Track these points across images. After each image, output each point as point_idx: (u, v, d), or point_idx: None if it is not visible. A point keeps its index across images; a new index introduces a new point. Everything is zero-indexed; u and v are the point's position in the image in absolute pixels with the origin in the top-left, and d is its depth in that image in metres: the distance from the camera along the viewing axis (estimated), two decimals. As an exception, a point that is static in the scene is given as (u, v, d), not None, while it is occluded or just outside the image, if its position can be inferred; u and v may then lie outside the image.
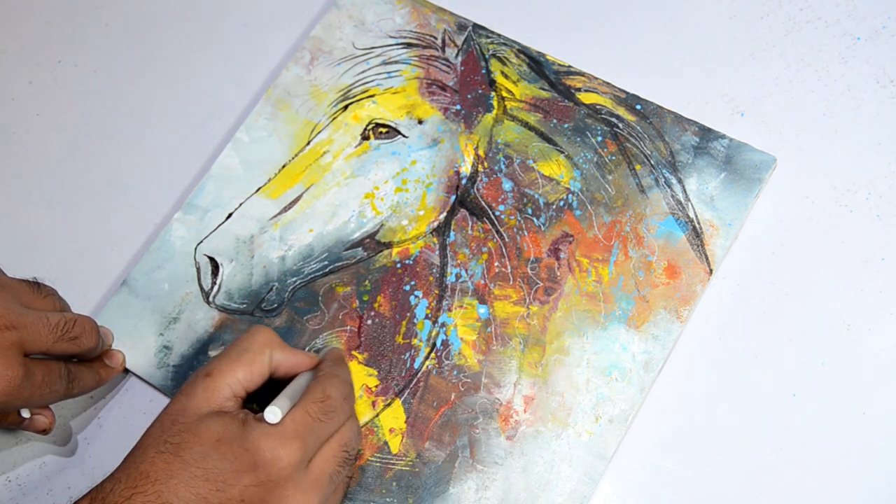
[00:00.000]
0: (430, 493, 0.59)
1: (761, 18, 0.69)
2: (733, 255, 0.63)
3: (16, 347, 0.56)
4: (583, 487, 0.58)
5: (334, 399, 0.54)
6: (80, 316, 0.61)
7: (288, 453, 0.51)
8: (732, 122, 0.66)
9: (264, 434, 0.51)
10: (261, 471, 0.51)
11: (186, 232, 0.69)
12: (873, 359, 0.59)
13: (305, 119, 0.71)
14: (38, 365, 0.58)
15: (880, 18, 0.67)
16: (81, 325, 0.60)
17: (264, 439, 0.51)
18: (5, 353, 0.55)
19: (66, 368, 0.60)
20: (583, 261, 0.63)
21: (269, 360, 0.56)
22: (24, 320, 0.57)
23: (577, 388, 0.60)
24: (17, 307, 0.57)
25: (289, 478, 0.51)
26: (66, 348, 0.59)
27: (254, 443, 0.51)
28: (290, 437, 0.51)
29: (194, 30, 0.77)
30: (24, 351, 0.57)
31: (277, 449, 0.51)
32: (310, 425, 0.52)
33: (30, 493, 0.64)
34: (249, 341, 0.56)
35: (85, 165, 0.74)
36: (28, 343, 0.57)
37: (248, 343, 0.55)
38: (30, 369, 0.57)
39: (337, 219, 0.67)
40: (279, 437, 0.51)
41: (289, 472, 0.51)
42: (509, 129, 0.68)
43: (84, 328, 0.60)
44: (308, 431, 0.52)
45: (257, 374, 0.55)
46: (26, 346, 0.57)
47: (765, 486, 0.57)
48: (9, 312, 0.56)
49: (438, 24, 0.72)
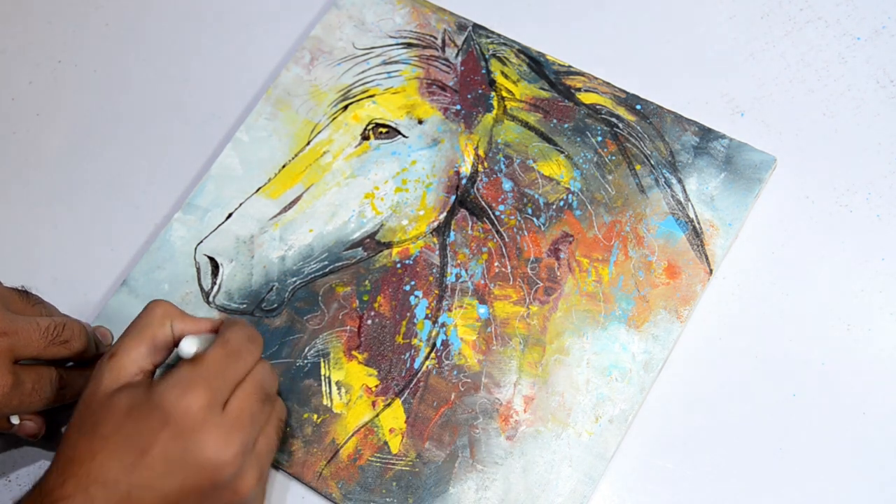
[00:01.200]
0: (430, 493, 0.59)
1: (761, 18, 0.69)
2: (733, 255, 0.63)
3: (5, 354, 0.56)
4: (583, 487, 0.58)
5: (234, 341, 0.54)
6: (70, 319, 0.61)
7: (195, 398, 0.51)
8: (732, 122, 0.66)
9: (168, 386, 0.52)
10: (173, 423, 0.51)
11: (186, 232, 0.69)
12: (873, 359, 0.59)
13: (305, 119, 0.71)
14: (28, 372, 0.58)
15: (880, 18, 0.67)
16: (71, 328, 0.60)
17: (169, 391, 0.51)
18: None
19: (58, 374, 0.60)
20: (583, 261, 0.63)
21: (171, 331, 0.56)
22: (14, 326, 0.57)
23: (577, 388, 0.60)
24: (6, 314, 0.57)
25: (203, 421, 0.51)
26: (57, 353, 0.59)
27: (160, 398, 0.51)
28: (194, 383, 0.52)
29: (194, 30, 0.77)
30: (14, 357, 0.57)
31: (184, 397, 0.51)
32: (213, 369, 0.53)
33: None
34: (149, 316, 0.56)
35: (85, 165, 0.74)
36: (19, 349, 0.57)
37: (148, 318, 0.56)
38: (19, 377, 0.57)
39: (337, 219, 0.67)
40: (184, 385, 0.52)
41: (202, 416, 0.51)
42: (509, 129, 0.68)
43: (74, 332, 0.60)
44: (212, 374, 0.52)
45: (161, 346, 0.55)
46: (17, 352, 0.57)
47: (765, 486, 0.57)
48: None
49: (438, 24, 0.72)
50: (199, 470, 0.52)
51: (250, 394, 0.54)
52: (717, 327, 0.61)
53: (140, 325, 0.56)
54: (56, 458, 0.53)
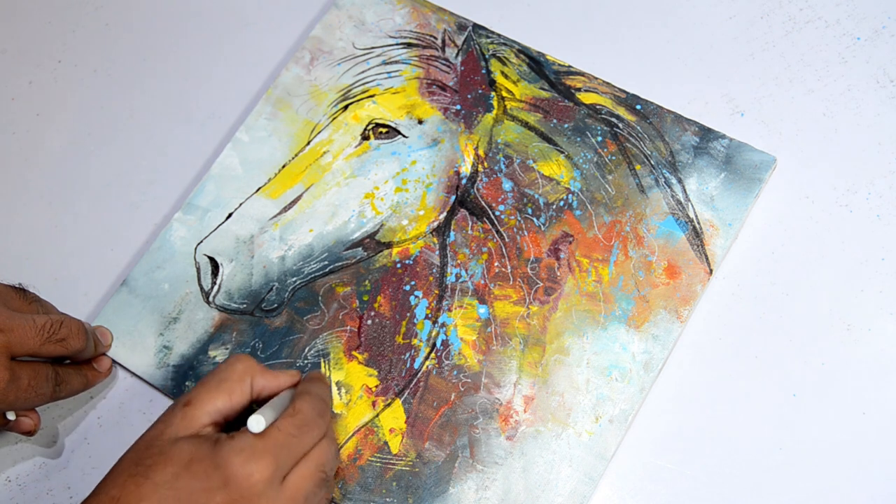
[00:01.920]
0: (430, 493, 0.59)
1: (761, 18, 0.69)
2: (733, 255, 0.63)
3: (2, 350, 0.56)
4: (583, 487, 0.58)
5: (306, 414, 0.53)
6: (67, 317, 0.61)
7: (259, 469, 0.50)
8: (732, 122, 0.66)
9: (235, 450, 0.50)
10: (232, 488, 0.50)
11: (186, 232, 0.69)
12: (873, 359, 0.59)
13: (305, 119, 0.71)
14: (24, 368, 0.58)
15: (880, 18, 0.67)
16: (68, 326, 0.60)
17: (235, 455, 0.50)
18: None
19: (54, 371, 0.60)
20: (583, 261, 0.63)
21: (250, 388, 0.55)
22: (10, 323, 0.57)
23: (577, 388, 0.60)
24: (3, 310, 0.57)
25: (261, 494, 0.50)
26: (54, 350, 0.59)
27: (224, 459, 0.50)
28: (260, 453, 0.50)
29: (194, 30, 0.77)
30: (10, 354, 0.57)
31: (248, 464, 0.50)
32: (281, 441, 0.51)
33: (30, 493, 0.64)
34: (229, 371, 0.55)
35: (85, 165, 0.74)
36: (15, 346, 0.57)
37: (228, 373, 0.54)
38: (15, 373, 0.57)
39: (337, 219, 0.67)
40: (250, 452, 0.50)
41: (261, 489, 0.50)
42: (509, 129, 0.68)
43: (71, 330, 0.60)
44: (279, 447, 0.51)
45: (237, 402, 0.54)
46: (13, 349, 0.57)
47: (765, 486, 0.57)
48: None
49: (438, 24, 0.72)
50: None
51: (312, 474, 0.53)
52: (717, 327, 0.61)
53: (219, 378, 0.54)
54: (96, 492, 0.51)
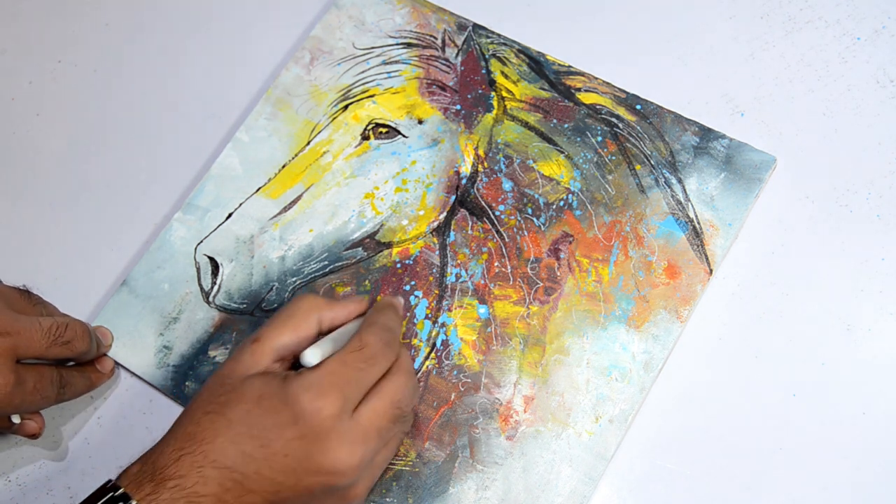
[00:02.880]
0: (430, 493, 0.59)
1: (761, 18, 0.69)
2: (733, 255, 0.63)
3: (8, 353, 0.56)
4: (583, 487, 0.58)
5: (372, 346, 0.54)
6: (73, 320, 0.61)
7: (327, 404, 0.51)
8: (732, 122, 0.66)
9: (302, 387, 0.51)
10: (302, 423, 0.51)
11: (186, 232, 0.69)
12: (873, 359, 0.59)
13: (305, 119, 0.71)
14: (29, 371, 0.58)
15: (880, 18, 0.67)
16: (73, 329, 0.60)
17: (302, 391, 0.51)
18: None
19: (59, 374, 0.60)
20: (583, 261, 0.63)
21: (317, 323, 0.56)
22: (17, 326, 0.57)
23: (577, 388, 0.60)
24: (9, 313, 0.57)
25: (331, 429, 0.51)
26: (60, 353, 0.59)
27: (293, 396, 0.51)
28: (327, 388, 0.51)
29: (194, 30, 0.77)
30: (16, 357, 0.57)
31: (316, 400, 0.51)
32: (347, 375, 0.52)
33: (30, 493, 0.64)
34: (295, 308, 0.56)
35: (85, 165, 0.74)
36: (21, 349, 0.57)
37: (294, 309, 0.56)
38: (21, 376, 0.57)
39: (337, 219, 0.67)
40: (317, 388, 0.51)
41: (331, 423, 0.51)
42: (509, 129, 0.68)
43: (76, 332, 0.60)
44: (345, 381, 0.52)
45: (303, 337, 0.55)
46: (20, 352, 0.57)
47: (765, 486, 0.57)
48: (3, 318, 0.56)
49: (438, 24, 0.72)
50: (316, 473, 0.51)
51: (385, 409, 0.54)
52: (717, 327, 0.61)
53: (285, 315, 0.56)
54: (173, 429, 0.53)
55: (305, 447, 0.51)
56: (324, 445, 0.51)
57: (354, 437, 0.52)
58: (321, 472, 0.51)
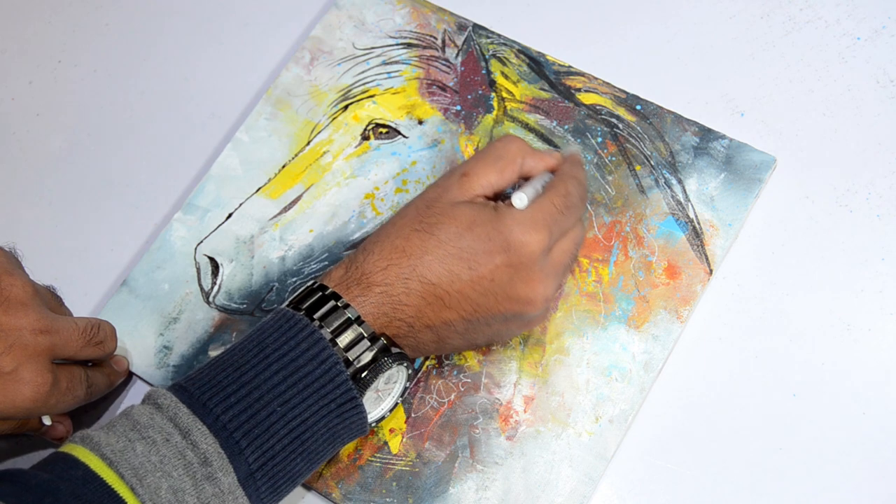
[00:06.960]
0: (430, 493, 0.59)
1: (761, 18, 0.69)
2: (733, 255, 0.63)
3: (47, 353, 0.56)
4: (583, 487, 0.58)
5: (573, 196, 0.57)
6: (102, 321, 0.61)
7: (537, 239, 0.54)
8: (732, 122, 0.66)
9: (516, 220, 0.55)
10: (512, 253, 0.54)
11: (186, 232, 0.69)
12: (873, 359, 0.59)
13: (305, 119, 0.71)
14: (62, 371, 0.58)
15: (880, 18, 0.67)
16: (105, 329, 0.60)
17: (516, 224, 0.54)
18: (37, 358, 0.55)
19: (86, 373, 0.60)
20: (583, 261, 0.63)
21: (521, 167, 0.58)
22: (56, 325, 0.57)
23: (577, 388, 0.60)
24: (48, 312, 0.57)
25: (535, 262, 0.55)
26: (91, 353, 0.59)
27: (507, 226, 0.54)
28: (539, 225, 0.55)
29: (194, 30, 0.77)
30: (53, 356, 0.57)
31: (528, 234, 0.54)
32: (554, 216, 0.56)
33: (30, 493, 0.64)
34: (504, 149, 0.58)
35: (85, 165, 0.74)
36: (59, 348, 0.57)
37: (504, 151, 0.58)
38: (56, 375, 0.57)
39: (337, 219, 0.67)
40: (531, 223, 0.55)
41: (536, 257, 0.55)
42: (509, 129, 0.67)
43: (107, 333, 0.61)
44: (553, 222, 0.56)
45: (507, 179, 0.58)
46: (56, 352, 0.57)
47: (765, 486, 0.57)
48: (44, 317, 0.56)
49: (438, 24, 0.72)
50: (513, 301, 0.55)
51: (570, 250, 0.58)
52: (717, 327, 0.61)
53: (495, 155, 0.58)
54: (380, 241, 0.56)
55: (511, 275, 0.54)
56: (527, 275, 0.55)
57: (549, 272, 0.56)
58: (518, 300, 0.55)
